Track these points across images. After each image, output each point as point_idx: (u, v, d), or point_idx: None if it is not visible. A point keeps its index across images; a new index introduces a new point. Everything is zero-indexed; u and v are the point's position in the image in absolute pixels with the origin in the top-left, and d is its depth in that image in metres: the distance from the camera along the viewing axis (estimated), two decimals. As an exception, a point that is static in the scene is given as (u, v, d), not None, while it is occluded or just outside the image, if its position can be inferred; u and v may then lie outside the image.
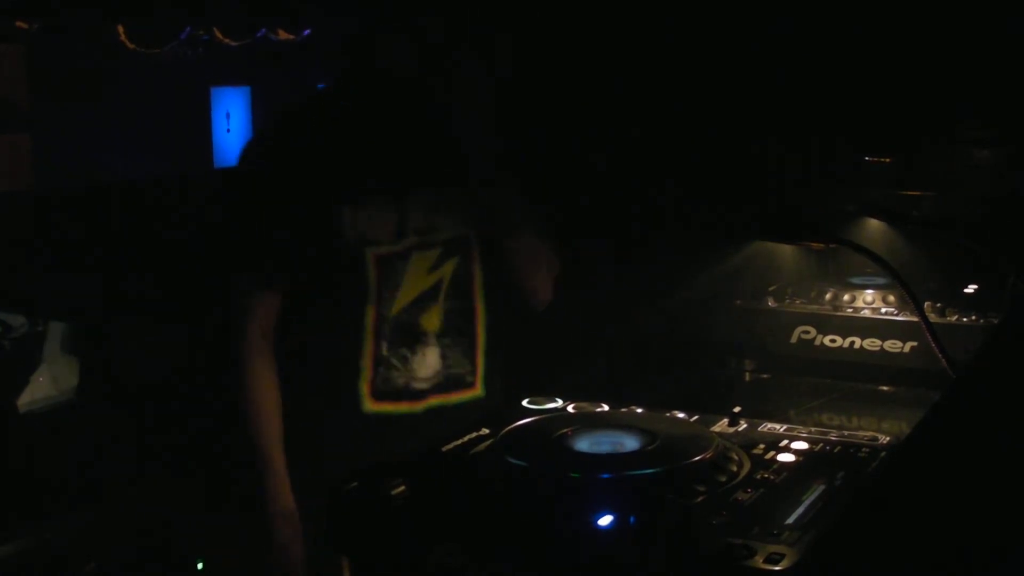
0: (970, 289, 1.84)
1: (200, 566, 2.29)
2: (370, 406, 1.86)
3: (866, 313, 1.80)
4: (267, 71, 7.68)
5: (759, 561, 0.95)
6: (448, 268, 1.91)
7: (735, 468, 1.16)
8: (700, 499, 1.08)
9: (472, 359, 1.90)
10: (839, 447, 1.24)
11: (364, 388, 1.86)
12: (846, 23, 1.70)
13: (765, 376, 1.81)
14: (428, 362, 1.86)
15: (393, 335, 1.86)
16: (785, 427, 1.31)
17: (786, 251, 1.95)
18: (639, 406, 1.37)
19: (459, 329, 1.90)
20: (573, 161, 2.07)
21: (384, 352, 1.85)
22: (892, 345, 1.74)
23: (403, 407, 1.86)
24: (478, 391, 1.90)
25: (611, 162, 2.03)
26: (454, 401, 1.87)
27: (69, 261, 2.39)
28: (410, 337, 1.87)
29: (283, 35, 7.52)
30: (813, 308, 1.85)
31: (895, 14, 1.66)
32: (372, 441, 1.82)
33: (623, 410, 1.37)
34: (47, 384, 2.42)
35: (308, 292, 1.87)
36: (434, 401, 1.86)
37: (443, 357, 1.87)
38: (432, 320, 1.88)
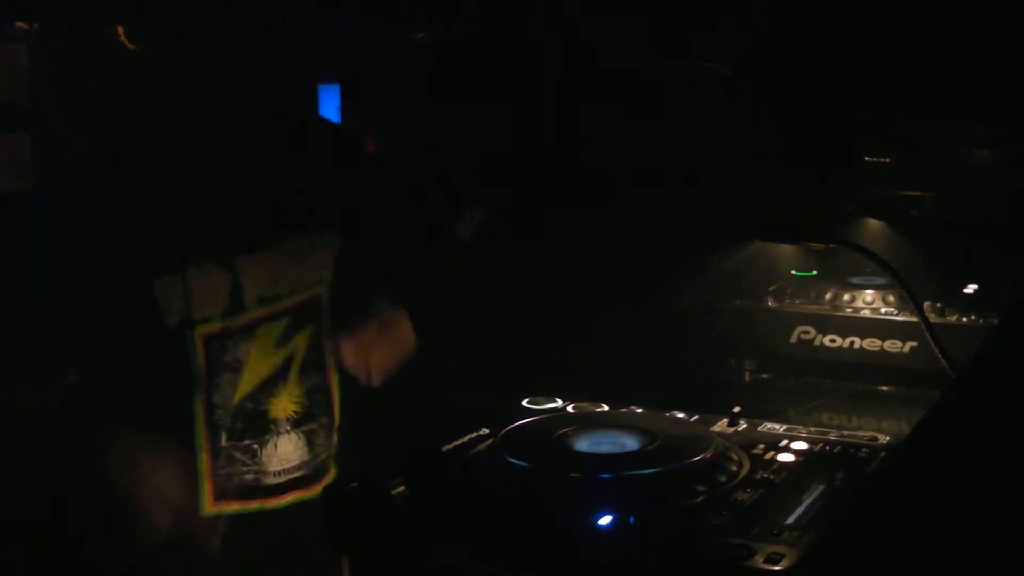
0: (970, 289, 1.84)
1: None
2: (210, 508, 1.60)
3: (866, 313, 1.80)
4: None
5: (759, 561, 0.95)
6: (300, 340, 1.64)
7: (735, 468, 1.16)
8: (700, 499, 1.08)
9: (332, 442, 1.69)
10: (839, 447, 1.24)
11: (205, 488, 1.60)
12: (846, 22, 1.71)
13: (765, 376, 1.81)
14: (281, 453, 1.63)
15: (235, 425, 1.60)
16: (785, 427, 1.31)
17: (786, 251, 1.95)
18: (639, 406, 1.37)
19: (320, 410, 1.67)
20: (573, 161, 2.07)
21: (223, 444, 1.60)
22: (892, 345, 1.74)
23: (253, 505, 1.62)
24: (333, 474, 1.70)
25: (611, 162, 2.03)
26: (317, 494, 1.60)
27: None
28: (257, 427, 1.62)
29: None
30: (813, 308, 1.85)
31: (895, 13, 1.67)
32: (219, 544, 1.59)
33: (623, 410, 1.37)
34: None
35: (126, 380, 1.57)
36: (297, 496, 1.64)
37: (309, 445, 1.65)
38: (283, 404, 1.63)
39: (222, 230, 1.57)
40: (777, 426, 1.31)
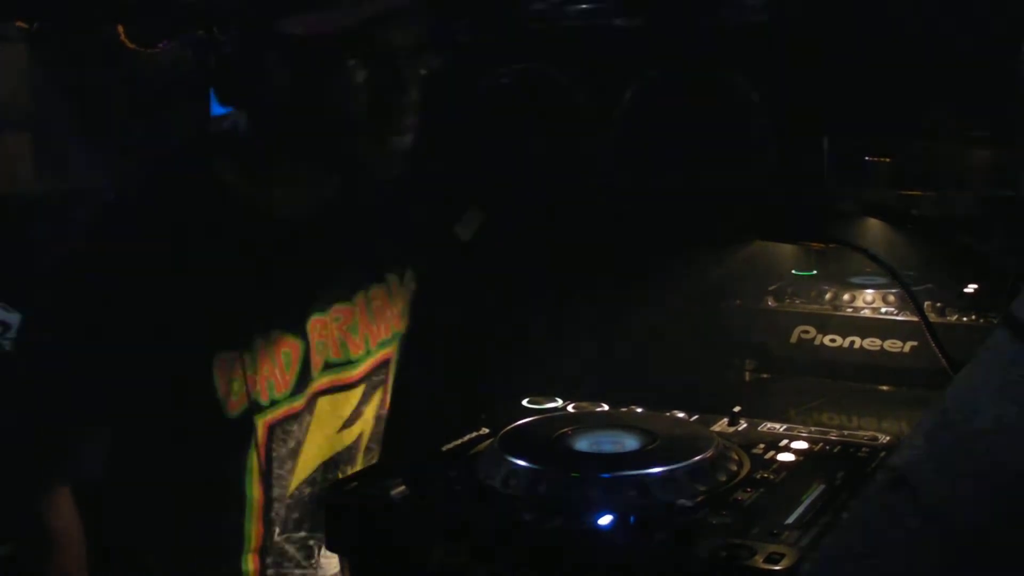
0: (970, 289, 1.84)
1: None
2: None
3: (866, 313, 1.80)
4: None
5: (759, 561, 0.95)
6: (370, 412, 1.41)
7: (735, 468, 1.16)
8: (700, 499, 1.08)
9: None
10: (839, 447, 1.24)
11: None
12: (846, 22, 1.70)
13: (765, 376, 1.81)
14: None
15: (289, 516, 1.36)
16: (785, 427, 1.31)
17: (786, 251, 1.95)
18: (639, 406, 1.37)
19: None
20: (569, 162, 2.06)
21: (276, 540, 1.35)
22: (892, 345, 1.74)
23: None
24: None
25: (610, 162, 2.03)
26: None
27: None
28: (313, 516, 1.37)
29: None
30: (813, 308, 1.85)
31: (894, 14, 1.66)
32: None
33: (623, 410, 1.37)
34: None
35: (156, 468, 1.32)
36: None
37: None
38: None
39: (291, 286, 1.32)
40: (777, 426, 1.31)
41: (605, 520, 1.03)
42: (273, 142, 1.32)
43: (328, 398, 1.37)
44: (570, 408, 1.39)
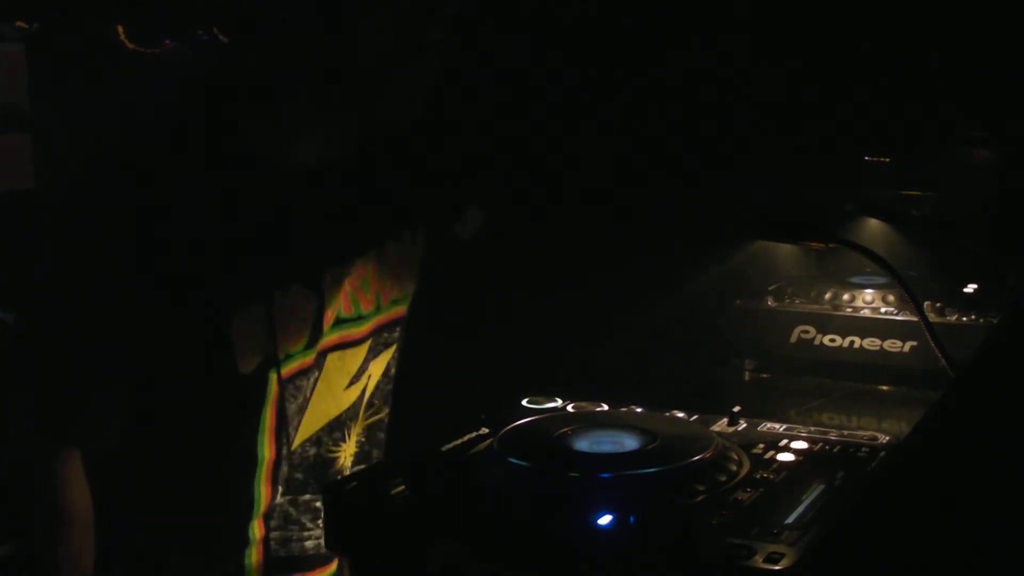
0: (970, 289, 1.84)
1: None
2: None
3: (866, 313, 1.80)
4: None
5: (759, 561, 0.95)
6: (375, 368, 1.40)
7: (735, 468, 1.16)
8: (700, 499, 1.08)
9: None
10: (839, 447, 1.24)
11: (252, 559, 1.31)
12: (847, 21, 1.71)
13: (765, 376, 1.81)
14: None
15: (293, 477, 1.33)
16: (785, 427, 1.31)
17: (786, 251, 1.95)
18: (639, 406, 1.37)
19: (379, 448, 1.42)
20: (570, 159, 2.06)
21: (279, 503, 1.32)
22: (892, 345, 1.74)
23: None
24: None
25: (609, 161, 2.03)
26: None
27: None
28: (318, 477, 1.35)
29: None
30: (813, 308, 1.85)
31: (894, 14, 1.66)
32: None
33: (623, 410, 1.37)
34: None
35: (173, 429, 1.29)
36: None
37: None
38: (351, 448, 1.39)
39: (308, 238, 1.30)
40: (777, 426, 1.31)
41: (605, 520, 1.02)
42: (287, 85, 1.29)
43: (337, 354, 1.35)
44: (570, 408, 1.39)
